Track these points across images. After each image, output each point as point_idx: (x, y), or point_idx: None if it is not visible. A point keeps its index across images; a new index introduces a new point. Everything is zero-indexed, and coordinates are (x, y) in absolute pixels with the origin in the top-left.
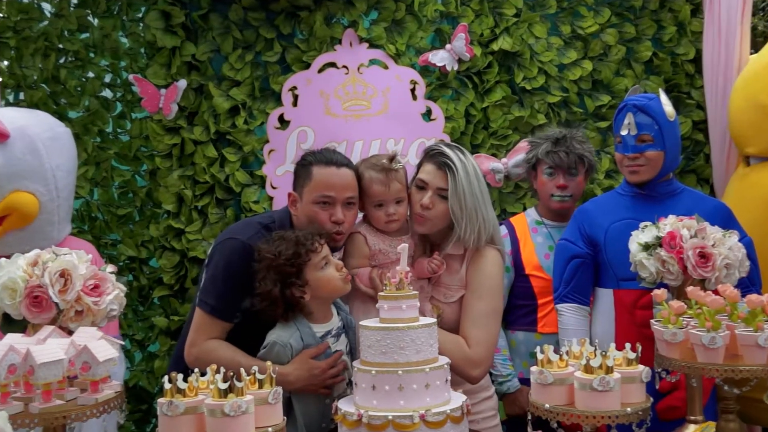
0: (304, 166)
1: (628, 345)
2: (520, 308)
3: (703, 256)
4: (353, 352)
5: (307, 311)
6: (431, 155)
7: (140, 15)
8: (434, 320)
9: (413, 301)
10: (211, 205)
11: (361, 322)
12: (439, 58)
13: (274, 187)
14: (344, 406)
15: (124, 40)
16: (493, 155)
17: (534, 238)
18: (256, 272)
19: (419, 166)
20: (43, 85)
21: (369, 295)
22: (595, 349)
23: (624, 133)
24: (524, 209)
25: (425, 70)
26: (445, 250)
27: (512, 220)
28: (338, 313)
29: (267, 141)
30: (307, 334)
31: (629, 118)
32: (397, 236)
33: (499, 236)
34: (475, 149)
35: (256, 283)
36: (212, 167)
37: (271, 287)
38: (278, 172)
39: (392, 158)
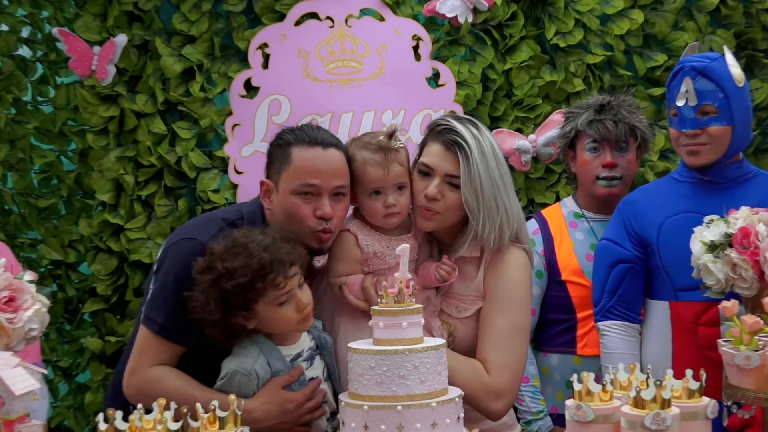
0: (280, 146)
1: (689, 372)
2: (554, 324)
3: None
4: (333, 378)
5: (264, 332)
6: (438, 132)
7: None
8: (444, 341)
9: (416, 317)
10: (158, 194)
11: (350, 344)
12: (450, 6)
13: (238, 172)
14: None
15: None
16: (518, 131)
17: (572, 234)
18: (196, 273)
19: (422, 146)
20: None
21: (361, 309)
22: (648, 378)
23: (680, 103)
24: (557, 200)
25: (431, 22)
26: (457, 252)
27: (545, 212)
28: (308, 331)
29: (230, 113)
30: (275, 358)
31: (687, 85)
32: (396, 235)
33: (525, 233)
34: (494, 123)
35: (191, 288)
36: (160, 146)
37: (209, 307)
38: (244, 152)
39: (391, 134)
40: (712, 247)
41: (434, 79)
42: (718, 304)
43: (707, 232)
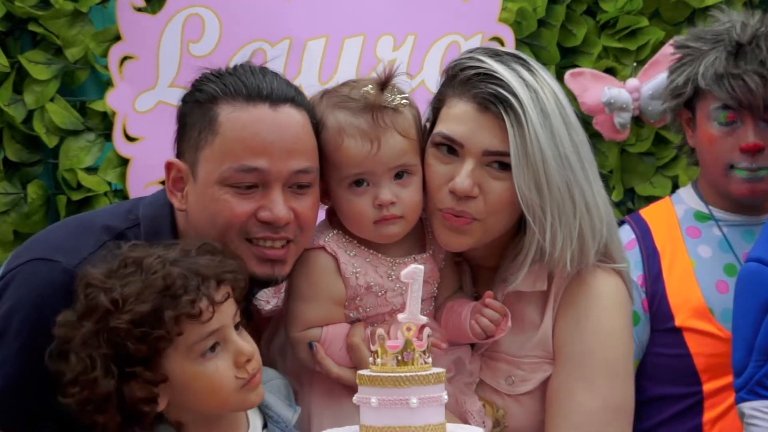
0: (200, 103)
1: None
2: (665, 402)
3: None
4: None
5: (176, 425)
6: (466, 80)
7: None
8: (481, 430)
9: (434, 389)
10: None
11: None
12: None
13: (131, 139)
14: None
15: None
16: (609, 72)
17: (692, 248)
18: (66, 326)
19: (439, 103)
20: None
21: (344, 381)
22: None
23: None
24: (674, 189)
25: None
26: (509, 283)
27: (647, 213)
28: (266, 425)
29: (117, 38)
30: None
31: None
32: (402, 255)
33: (618, 244)
34: (568, 59)
35: (55, 350)
36: None
37: (94, 373)
38: (141, 105)
39: (385, 81)
40: None
41: None
42: None
43: None
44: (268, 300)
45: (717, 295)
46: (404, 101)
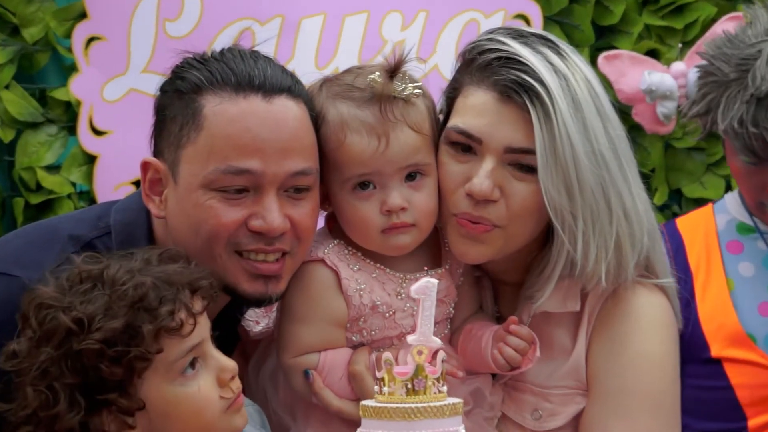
0: (181, 94)
1: None
2: None
3: None
4: None
5: None
6: (486, 65)
7: None
8: None
9: (449, 422)
10: None
11: None
12: None
13: (98, 132)
14: None
15: None
16: (651, 54)
17: (731, 265)
18: (15, 357)
19: (454, 92)
20: None
21: (345, 414)
22: None
23: None
24: (727, 189)
25: None
26: (537, 301)
27: (683, 223)
28: None
29: (82, 16)
30: None
31: None
32: (412, 269)
33: (662, 257)
34: (604, 40)
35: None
36: None
37: (58, 406)
38: (110, 94)
39: (395, 67)
40: None
41: None
42: None
43: None
44: (257, 320)
45: (760, 318)
46: (417, 91)
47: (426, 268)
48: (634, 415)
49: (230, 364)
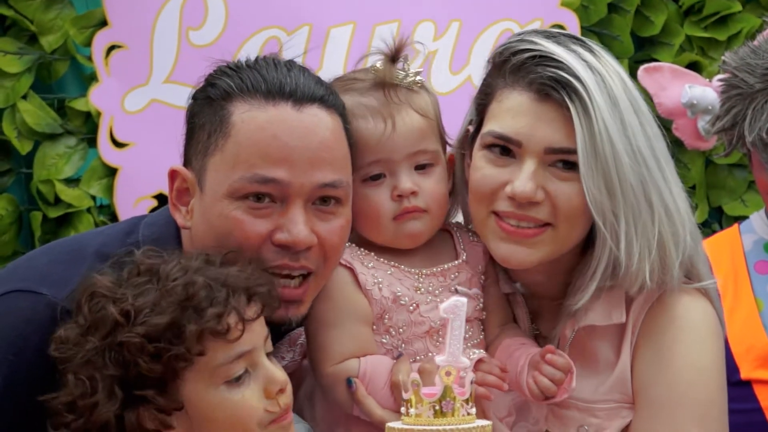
0: (210, 101)
1: None
2: None
3: None
4: None
5: None
6: (520, 65)
7: None
8: None
9: None
10: None
11: None
12: None
13: (119, 144)
14: None
15: None
16: (693, 68)
17: (761, 285)
18: (65, 344)
19: (485, 97)
20: None
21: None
22: None
23: None
24: None
25: None
26: (577, 302)
27: (707, 244)
28: None
29: (103, 23)
30: None
31: None
32: (429, 264)
33: (704, 259)
34: (645, 51)
35: (57, 373)
36: None
37: (95, 396)
38: (131, 104)
39: (396, 54)
40: None
41: None
42: None
43: None
44: (282, 355)
45: None
46: (419, 78)
47: (443, 264)
48: (683, 426)
49: (281, 376)
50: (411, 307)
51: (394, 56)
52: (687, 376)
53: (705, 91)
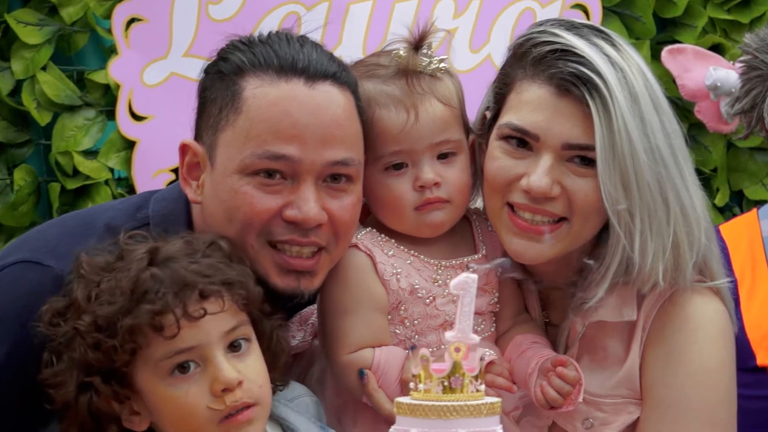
0: (223, 75)
1: None
2: None
3: None
4: None
5: None
6: (540, 58)
7: None
8: None
9: (487, 422)
10: None
11: None
12: None
13: (138, 117)
14: None
15: None
16: (715, 50)
17: None
18: (53, 321)
19: (505, 84)
20: None
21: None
22: None
23: None
24: None
25: None
26: (590, 301)
27: (724, 230)
28: None
29: None
30: None
31: None
32: (448, 255)
33: (718, 257)
34: (667, 33)
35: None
36: None
37: (61, 377)
38: (150, 77)
39: (420, 41)
40: None
41: None
42: None
43: None
44: (293, 334)
45: None
46: (443, 65)
47: (463, 257)
48: (690, 428)
49: (226, 376)
50: (427, 300)
51: (417, 45)
52: (697, 378)
53: (729, 73)
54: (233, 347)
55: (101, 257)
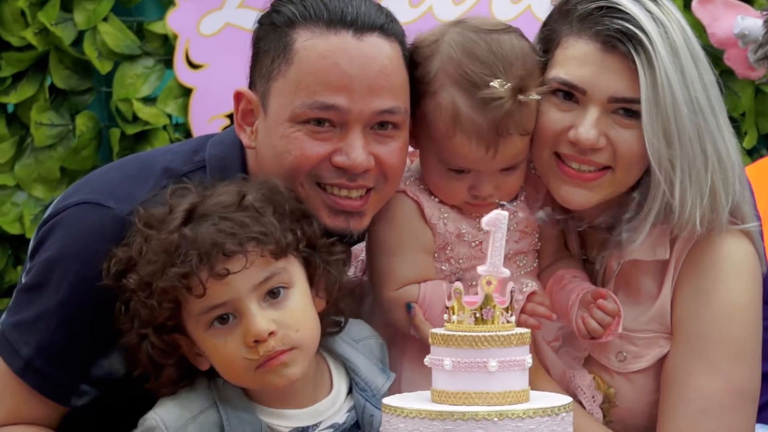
0: (275, 27)
1: None
2: None
3: None
4: None
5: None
6: (586, 15)
7: None
8: (570, 400)
9: (517, 352)
10: (37, 103)
11: (386, 400)
12: None
13: (194, 66)
14: None
15: None
16: (744, 1)
17: None
18: (120, 275)
19: (551, 40)
20: None
21: None
22: None
23: None
24: None
25: None
26: (628, 245)
27: (750, 171)
28: (351, 390)
29: None
30: (244, 423)
31: None
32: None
33: (750, 202)
34: None
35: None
36: (41, 11)
37: (123, 320)
38: (206, 27)
39: (522, 89)
40: None
41: None
42: None
43: None
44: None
45: None
46: (532, 98)
47: (504, 204)
48: (717, 360)
49: (256, 328)
50: (473, 243)
51: (519, 90)
52: (725, 314)
53: (756, 22)
54: (272, 293)
55: (156, 210)
